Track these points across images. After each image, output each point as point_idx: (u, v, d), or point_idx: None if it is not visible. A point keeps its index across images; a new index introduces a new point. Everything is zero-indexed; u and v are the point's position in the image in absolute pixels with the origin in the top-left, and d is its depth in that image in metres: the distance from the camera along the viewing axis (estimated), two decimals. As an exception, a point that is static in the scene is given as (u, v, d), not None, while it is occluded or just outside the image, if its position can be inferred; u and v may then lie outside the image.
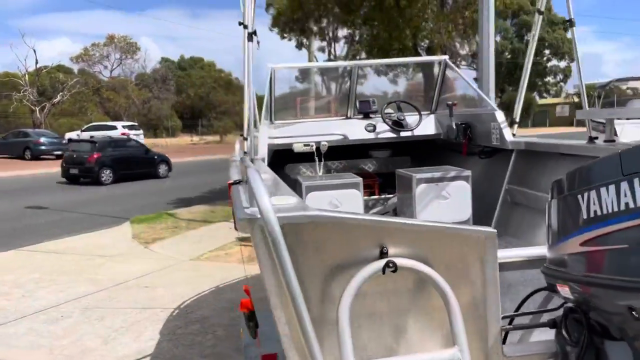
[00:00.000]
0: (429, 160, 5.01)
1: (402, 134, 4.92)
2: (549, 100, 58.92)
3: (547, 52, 49.63)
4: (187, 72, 51.45)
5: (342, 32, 18.93)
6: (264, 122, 4.43)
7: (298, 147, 4.64)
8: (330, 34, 20.34)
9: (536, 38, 3.77)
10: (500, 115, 4.17)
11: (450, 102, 4.65)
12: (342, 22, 13.87)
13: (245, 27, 3.48)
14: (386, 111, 4.97)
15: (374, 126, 4.92)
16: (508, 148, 4.04)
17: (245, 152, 4.27)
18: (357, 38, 17.97)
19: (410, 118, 4.99)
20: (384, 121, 4.90)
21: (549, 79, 54.13)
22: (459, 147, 4.76)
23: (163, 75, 45.48)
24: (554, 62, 52.05)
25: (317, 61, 55.54)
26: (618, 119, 3.35)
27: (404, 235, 1.50)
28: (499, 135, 4.16)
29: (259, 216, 1.40)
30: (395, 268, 1.46)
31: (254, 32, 3.08)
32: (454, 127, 4.58)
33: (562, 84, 52.07)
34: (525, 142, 3.95)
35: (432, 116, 5.11)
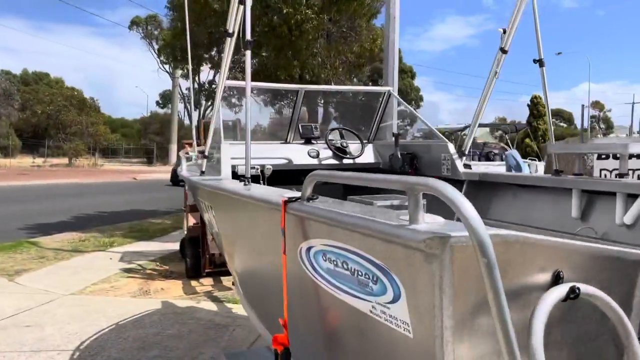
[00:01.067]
0: (361, 190, 4.97)
1: (345, 161, 4.84)
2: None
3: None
4: (33, 87, 46.96)
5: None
6: (225, 142, 4.09)
7: (242, 170, 4.33)
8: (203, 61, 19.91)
9: (497, 75, 3.97)
10: (451, 147, 4.28)
11: (396, 132, 4.70)
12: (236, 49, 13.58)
13: (230, 35, 3.21)
14: (329, 137, 4.88)
15: (317, 152, 4.79)
16: (461, 179, 4.14)
17: (202, 172, 3.89)
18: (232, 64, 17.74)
19: (352, 146, 4.95)
20: (329, 147, 4.79)
21: (399, 122, 58.32)
22: None
23: (5, 90, 40.85)
24: (402, 107, 56.08)
25: (180, 88, 53.90)
26: (584, 154, 3.62)
27: (578, 259, 1.39)
28: (450, 166, 4.25)
29: (454, 234, 1.20)
30: (577, 295, 1.33)
31: (249, 42, 2.82)
32: (399, 156, 4.61)
33: (408, 127, 56.18)
34: (480, 174, 4.08)
35: (370, 145, 5.12)
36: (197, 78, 51.87)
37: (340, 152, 4.82)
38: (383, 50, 18.40)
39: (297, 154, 4.75)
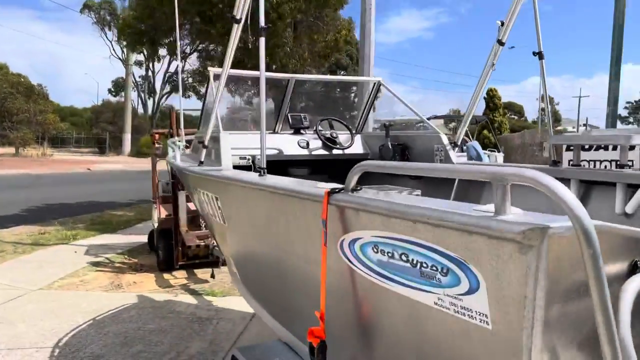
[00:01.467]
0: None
1: (335, 151, 4.81)
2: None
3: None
4: (-24, 73, 44.64)
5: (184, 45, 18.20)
6: (224, 132, 3.96)
7: (234, 161, 4.24)
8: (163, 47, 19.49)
9: (494, 67, 4.00)
10: (444, 138, 4.31)
11: (387, 123, 4.70)
12: (200, 34, 13.28)
13: (238, 21, 3.12)
14: (319, 128, 4.83)
15: (307, 142, 4.74)
16: None
17: (201, 162, 3.78)
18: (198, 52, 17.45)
19: (341, 137, 4.92)
20: (319, 137, 4.75)
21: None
22: None
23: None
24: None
25: (133, 76, 52.34)
26: (583, 146, 3.72)
27: None
28: (443, 157, 4.28)
29: (552, 225, 1.19)
30: None
31: (263, 29, 2.74)
32: (390, 147, 4.61)
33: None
34: (475, 165, 4.13)
35: (358, 136, 5.10)
36: (151, 65, 50.63)
37: (330, 142, 4.78)
38: (348, 42, 18.31)
39: (287, 144, 4.68)
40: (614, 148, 5.41)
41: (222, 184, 3.13)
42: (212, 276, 6.69)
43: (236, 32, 3.22)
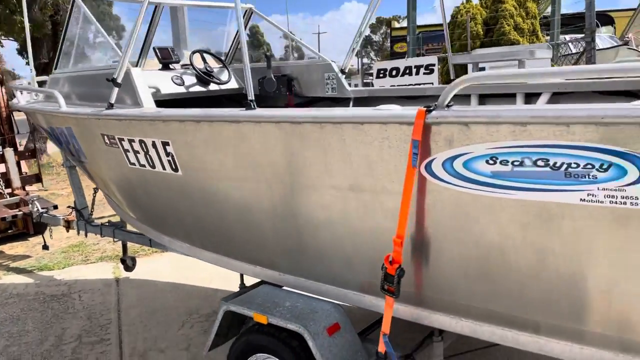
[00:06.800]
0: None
1: (212, 87, 4.42)
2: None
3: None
4: None
5: None
6: (134, 68, 3.25)
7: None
8: None
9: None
10: (335, 66, 4.31)
11: (268, 54, 4.48)
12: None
13: None
14: (193, 61, 4.35)
15: (181, 78, 4.25)
16: (349, 96, 4.25)
17: (111, 104, 3.11)
18: None
19: (216, 71, 4.52)
20: (197, 72, 4.28)
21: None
22: (269, 101, 4.65)
23: None
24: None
25: None
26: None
27: None
28: (335, 85, 4.30)
29: None
30: None
31: None
32: (274, 79, 4.44)
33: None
34: (367, 90, 4.26)
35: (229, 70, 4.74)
36: None
37: (208, 77, 4.35)
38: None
39: (161, 81, 4.11)
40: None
41: (178, 124, 2.64)
42: (45, 247, 5.67)
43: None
